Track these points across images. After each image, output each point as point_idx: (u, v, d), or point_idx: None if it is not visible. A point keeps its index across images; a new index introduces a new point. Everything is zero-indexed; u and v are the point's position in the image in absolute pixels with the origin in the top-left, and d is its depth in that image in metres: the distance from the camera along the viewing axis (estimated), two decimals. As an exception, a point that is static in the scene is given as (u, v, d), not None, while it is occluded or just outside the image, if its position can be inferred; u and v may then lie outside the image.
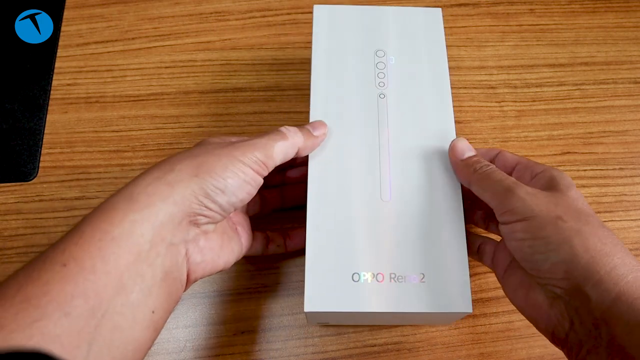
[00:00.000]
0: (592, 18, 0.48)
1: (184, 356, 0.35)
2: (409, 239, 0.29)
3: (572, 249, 0.23)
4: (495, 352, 0.35)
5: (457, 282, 0.28)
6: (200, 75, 0.45)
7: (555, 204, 0.25)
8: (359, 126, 0.32)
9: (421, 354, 0.35)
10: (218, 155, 0.26)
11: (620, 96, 0.44)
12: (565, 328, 0.24)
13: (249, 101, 0.44)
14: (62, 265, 0.21)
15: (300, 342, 0.36)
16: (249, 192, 0.27)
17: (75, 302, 0.21)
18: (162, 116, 0.43)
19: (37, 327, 0.20)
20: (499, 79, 0.45)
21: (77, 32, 0.47)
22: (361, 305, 0.27)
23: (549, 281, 0.25)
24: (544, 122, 0.43)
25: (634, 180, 0.41)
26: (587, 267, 0.23)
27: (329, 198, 0.30)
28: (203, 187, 0.25)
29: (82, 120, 0.43)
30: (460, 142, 0.31)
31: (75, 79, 0.45)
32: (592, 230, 0.24)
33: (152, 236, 0.23)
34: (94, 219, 0.23)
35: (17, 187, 0.40)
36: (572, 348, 0.24)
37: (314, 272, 0.28)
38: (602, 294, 0.22)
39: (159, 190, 0.24)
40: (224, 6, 0.48)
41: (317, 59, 0.34)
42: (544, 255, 0.24)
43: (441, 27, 0.36)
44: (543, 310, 0.25)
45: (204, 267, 0.27)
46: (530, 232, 0.25)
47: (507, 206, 0.26)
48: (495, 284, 0.37)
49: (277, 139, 0.28)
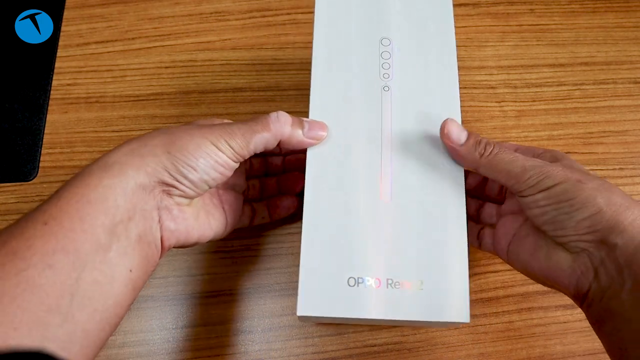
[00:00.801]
0: (592, 18, 0.48)
1: (184, 356, 0.35)
2: (408, 244, 0.28)
3: (597, 205, 0.25)
4: (495, 352, 0.35)
5: (455, 290, 0.27)
6: (200, 75, 0.45)
7: (571, 171, 0.27)
8: (361, 122, 0.30)
9: (421, 354, 0.35)
10: (192, 135, 0.27)
11: (620, 96, 0.44)
12: (589, 279, 0.26)
13: (249, 101, 0.44)
14: (44, 224, 0.23)
15: (300, 342, 0.36)
16: (222, 173, 0.28)
17: (57, 256, 0.22)
18: (162, 116, 0.43)
19: (23, 275, 0.21)
20: (499, 79, 0.45)
21: (77, 32, 0.47)
22: (356, 311, 0.26)
23: (572, 238, 0.26)
24: (544, 122, 0.43)
25: (634, 180, 0.41)
26: (611, 219, 0.25)
27: (327, 197, 0.29)
28: (174, 163, 0.26)
29: (82, 120, 0.43)
30: (452, 127, 0.29)
31: (75, 79, 0.45)
32: (610, 188, 0.26)
33: (125, 201, 0.25)
34: (71, 184, 0.25)
35: (17, 187, 0.40)
36: (593, 299, 0.26)
37: (308, 274, 0.27)
38: (627, 242, 0.24)
39: (131, 161, 0.25)
40: (224, 6, 0.48)
41: (318, 48, 0.32)
42: (568, 215, 0.26)
43: (451, 13, 0.34)
44: (565, 267, 0.27)
45: (177, 235, 0.28)
46: (554, 198, 0.26)
47: (528, 183, 0.27)
48: (495, 284, 0.37)
49: (258, 130, 0.28)
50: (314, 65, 0.32)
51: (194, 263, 0.37)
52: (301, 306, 0.26)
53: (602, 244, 0.25)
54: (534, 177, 0.27)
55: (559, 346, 0.35)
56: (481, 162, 0.29)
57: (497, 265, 0.38)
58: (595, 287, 0.26)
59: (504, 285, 0.37)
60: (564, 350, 0.35)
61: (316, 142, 0.30)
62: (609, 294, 0.25)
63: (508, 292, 0.37)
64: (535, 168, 0.27)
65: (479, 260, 0.38)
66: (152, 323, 0.36)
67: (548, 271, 0.28)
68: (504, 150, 0.28)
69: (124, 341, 0.36)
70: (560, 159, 0.29)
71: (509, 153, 0.28)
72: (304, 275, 0.27)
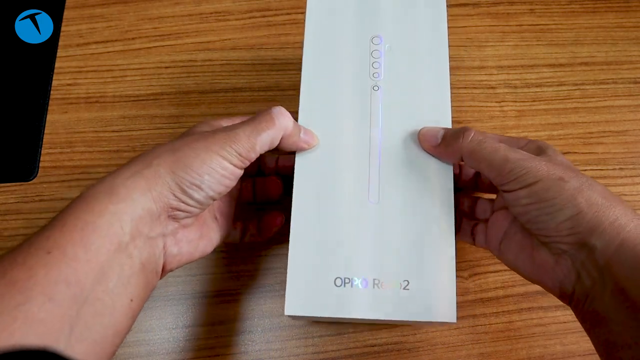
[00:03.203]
0: (592, 18, 0.48)
1: (184, 356, 0.35)
2: (395, 245, 0.28)
3: (578, 207, 0.24)
4: (495, 352, 0.35)
5: (442, 290, 0.27)
6: (200, 75, 0.45)
7: (554, 167, 0.26)
8: (350, 122, 0.30)
9: (421, 354, 0.35)
10: (196, 149, 0.26)
11: (620, 96, 0.44)
12: (572, 281, 0.26)
13: (249, 101, 0.44)
14: (47, 252, 0.22)
15: (300, 342, 0.36)
16: (227, 185, 0.27)
17: (58, 288, 0.21)
18: (162, 116, 0.43)
19: (21, 310, 0.20)
20: (499, 79, 0.45)
21: (77, 32, 0.47)
22: (342, 311, 0.27)
23: (554, 239, 0.26)
24: (544, 122, 0.43)
25: (634, 180, 0.41)
26: (591, 221, 0.24)
27: (315, 198, 0.29)
28: (179, 183, 0.25)
29: (82, 120, 0.43)
30: (427, 130, 0.30)
31: (75, 79, 0.45)
32: (591, 186, 0.25)
33: (131, 229, 0.24)
34: (76, 208, 0.24)
35: (17, 187, 0.40)
36: (578, 301, 0.26)
37: (295, 274, 0.27)
38: (606, 243, 0.24)
39: (138, 185, 0.24)
40: (224, 6, 0.48)
41: (309, 45, 0.32)
42: (550, 216, 0.25)
43: (444, 12, 0.33)
44: (549, 268, 0.26)
45: (179, 259, 0.28)
46: (535, 196, 0.26)
47: (509, 176, 0.26)
48: (495, 284, 0.37)
49: (263, 128, 0.27)
50: (304, 63, 0.32)
51: (194, 264, 0.37)
52: (288, 305, 0.27)
53: (583, 246, 0.25)
54: (515, 171, 0.26)
55: (559, 346, 0.35)
56: (463, 149, 0.28)
57: (497, 265, 0.38)
58: (579, 289, 0.25)
59: (504, 285, 0.37)
60: (564, 350, 0.35)
61: (307, 148, 0.30)
62: (592, 296, 0.25)
63: (508, 292, 0.37)
64: (517, 161, 0.26)
65: (479, 260, 0.38)
66: (152, 323, 0.36)
67: (533, 271, 0.28)
68: (487, 139, 0.28)
69: (124, 341, 0.35)
70: (545, 149, 0.29)
71: (492, 142, 0.28)
72: (292, 275, 0.27)
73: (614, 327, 0.24)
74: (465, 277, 0.37)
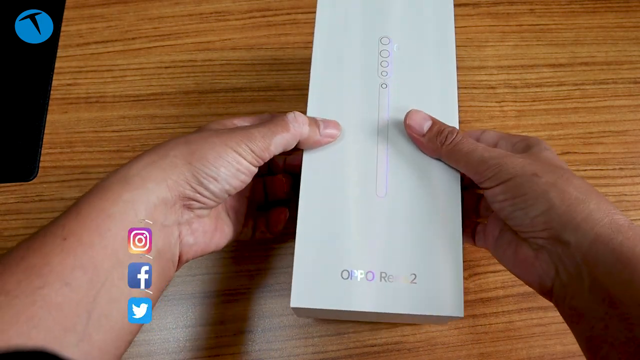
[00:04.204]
0: (592, 18, 0.48)
1: (184, 356, 0.35)
2: (403, 238, 0.28)
3: (550, 202, 0.24)
4: (495, 352, 0.35)
5: (449, 284, 0.27)
6: (200, 75, 0.45)
7: (530, 163, 0.26)
8: (358, 117, 0.31)
9: (421, 354, 0.35)
10: (212, 143, 0.26)
11: (620, 96, 0.44)
12: (550, 277, 0.26)
13: (249, 101, 0.44)
14: (63, 239, 0.22)
15: (300, 342, 0.36)
16: (242, 181, 0.27)
17: (75, 274, 0.21)
18: (162, 116, 0.43)
19: (39, 293, 0.20)
20: (499, 79, 0.45)
21: (77, 32, 0.47)
22: (349, 304, 0.27)
23: (531, 234, 0.26)
24: (544, 122, 0.43)
25: (634, 180, 0.41)
26: (564, 216, 0.24)
27: (322, 191, 0.29)
28: (195, 174, 0.25)
29: (82, 120, 0.43)
30: (415, 116, 0.29)
31: (75, 79, 0.45)
32: (567, 181, 0.25)
33: (145, 216, 0.24)
34: (90, 197, 0.24)
35: (17, 187, 0.40)
36: (558, 296, 0.26)
37: (302, 266, 0.27)
38: (580, 239, 0.24)
39: (152, 174, 0.25)
40: (224, 6, 0.48)
41: (319, 44, 0.33)
42: (523, 211, 0.26)
43: (451, 13, 0.34)
44: (529, 263, 0.27)
45: (195, 249, 0.28)
46: (509, 193, 0.26)
47: (485, 175, 0.27)
48: (495, 283, 0.37)
49: (278, 131, 0.28)
50: (314, 61, 0.32)
51: (194, 263, 0.37)
52: (294, 297, 0.27)
53: (558, 241, 0.25)
54: (490, 169, 0.26)
55: (559, 346, 0.35)
56: (442, 151, 0.28)
57: (496, 265, 0.38)
58: (558, 285, 0.25)
59: (504, 285, 0.37)
60: (564, 350, 0.35)
61: (331, 141, 0.30)
62: (570, 292, 0.25)
63: (508, 292, 0.37)
64: (492, 159, 0.26)
65: (479, 260, 0.38)
66: (152, 323, 0.36)
67: (517, 266, 0.28)
68: (465, 140, 0.28)
69: (124, 341, 0.36)
70: (533, 145, 0.29)
71: (470, 143, 0.28)
72: (298, 267, 0.27)
73: (595, 323, 0.23)
74: (465, 277, 0.37)
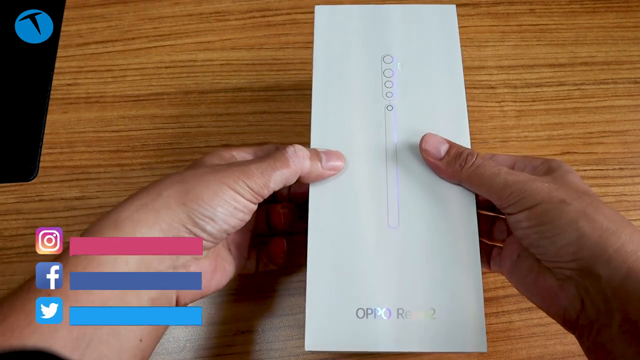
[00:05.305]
0: (592, 18, 0.48)
1: (184, 356, 0.35)
2: (419, 271, 0.26)
3: (579, 231, 0.23)
4: (495, 352, 0.35)
5: (471, 317, 0.25)
6: (200, 75, 0.45)
7: (557, 189, 0.25)
8: (365, 144, 0.29)
9: (422, 354, 0.35)
10: (207, 181, 0.25)
11: (620, 96, 0.44)
12: (576, 309, 0.24)
13: (249, 101, 0.44)
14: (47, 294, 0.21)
15: (300, 342, 0.36)
16: (241, 219, 0.26)
17: (59, 334, 0.20)
18: (162, 116, 0.43)
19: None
20: (499, 79, 0.45)
21: (77, 32, 0.47)
22: (367, 345, 0.25)
23: (557, 264, 0.25)
24: (544, 122, 0.43)
25: (634, 180, 0.41)
26: (595, 247, 0.23)
27: (331, 225, 0.27)
28: (190, 215, 0.24)
29: (82, 120, 0.43)
30: (431, 139, 0.28)
31: (75, 79, 0.45)
32: (597, 209, 0.24)
33: (137, 264, 0.23)
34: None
35: (17, 187, 0.40)
36: (583, 329, 0.24)
37: (315, 307, 0.26)
38: (612, 272, 0.22)
39: (144, 217, 0.23)
40: (224, 6, 0.48)
41: (319, 67, 0.31)
42: (550, 240, 0.24)
43: (455, 27, 0.32)
44: (553, 293, 0.25)
45: (194, 293, 0.26)
46: (535, 219, 0.24)
47: (509, 200, 0.25)
48: (495, 284, 0.37)
49: (277, 167, 0.26)
50: (315, 87, 0.31)
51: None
52: (309, 341, 0.25)
53: (587, 273, 0.23)
54: (514, 194, 0.25)
55: (559, 346, 0.35)
56: (462, 175, 0.27)
57: (497, 265, 0.38)
58: (584, 318, 0.24)
59: (504, 285, 0.37)
60: (564, 350, 0.35)
61: (335, 173, 0.28)
62: (597, 327, 0.23)
63: (508, 292, 0.37)
64: (517, 184, 0.25)
65: (479, 260, 0.38)
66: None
67: (538, 295, 0.27)
68: (487, 163, 0.27)
69: (124, 341, 0.36)
70: (556, 169, 0.27)
71: (492, 167, 0.26)
72: (311, 308, 0.26)
73: None
74: (465, 277, 0.37)
